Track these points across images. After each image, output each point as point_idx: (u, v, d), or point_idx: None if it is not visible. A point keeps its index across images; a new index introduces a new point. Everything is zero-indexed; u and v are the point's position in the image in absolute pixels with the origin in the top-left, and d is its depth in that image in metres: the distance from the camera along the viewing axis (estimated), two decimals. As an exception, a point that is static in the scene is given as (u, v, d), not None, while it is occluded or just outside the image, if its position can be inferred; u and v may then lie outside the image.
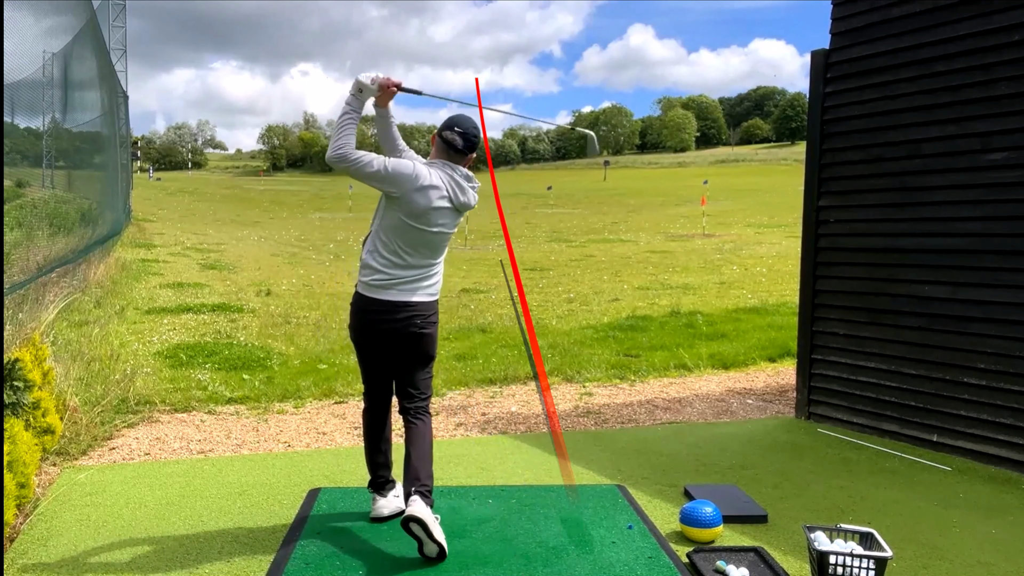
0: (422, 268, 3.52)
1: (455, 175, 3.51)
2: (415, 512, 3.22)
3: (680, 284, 13.83)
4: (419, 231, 3.46)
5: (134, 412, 5.59)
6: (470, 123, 3.59)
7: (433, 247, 3.54)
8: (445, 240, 3.59)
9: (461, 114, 3.65)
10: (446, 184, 3.48)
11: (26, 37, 6.62)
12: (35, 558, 3.30)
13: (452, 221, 3.57)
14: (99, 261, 12.12)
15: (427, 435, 3.57)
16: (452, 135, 3.53)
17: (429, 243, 3.51)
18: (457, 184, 3.51)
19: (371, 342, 3.58)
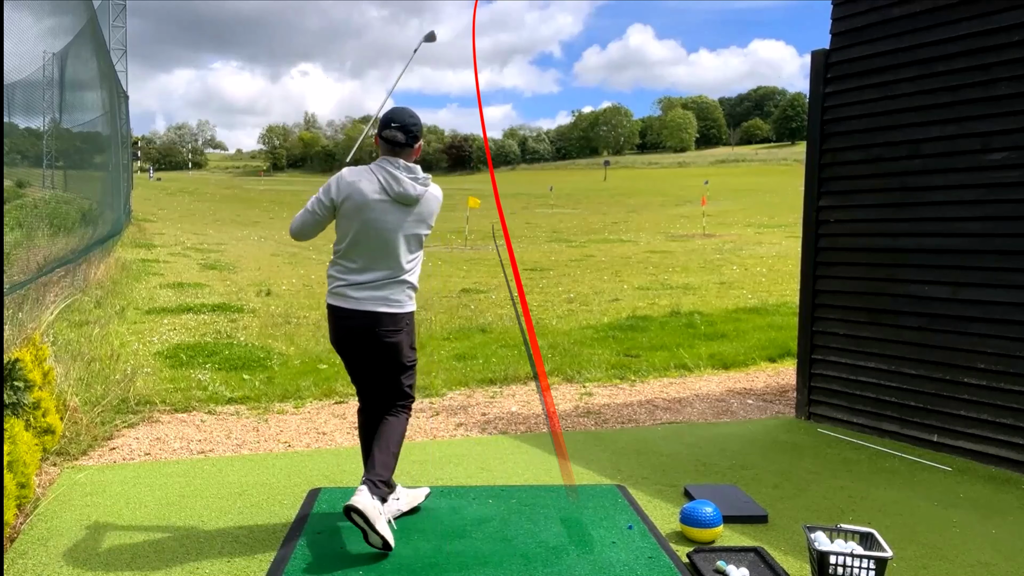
0: (380, 276, 3.44)
1: (389, 167, 3.40)
2: (356, 503, 3.21)
3: (680, 284, 13.83)
4: (365, 232, 3.39)
5: (134, 412, 5.59)
6: (406, 114, 3.48)
7: (387, 251, 3.43)
8: (399, 242, 3.44)
9: (395, 108, 3.52)
10: (379, 177, 3.39)
11: (26, 37, 6.62)
12: (35, 558, 3.30)
13: (399, 218, 3.41)
14: (99, 261, 12.12)
15: (396, 428, 3.57)
16: (392, 132, 3.43)
17: (380, 246, 3.41)
18: (391, 175, 3.38)
19: (341, 347, 3.58)
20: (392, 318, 3.47)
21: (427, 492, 3.95)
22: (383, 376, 3.60)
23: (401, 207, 3.42)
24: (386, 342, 3.48)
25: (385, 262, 3.44)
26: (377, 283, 3.44)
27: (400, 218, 3.43)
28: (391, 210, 3.41)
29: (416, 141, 3.48)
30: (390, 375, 3.61)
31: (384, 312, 3.45)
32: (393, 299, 3.48)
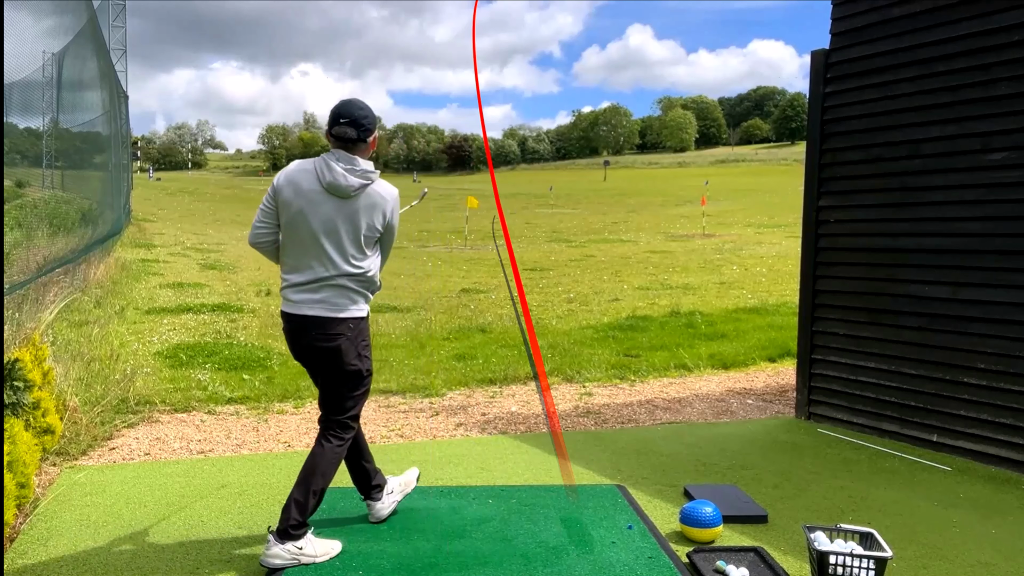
0: (314, 277, 3.21)
1: (328, 158, 3.19)
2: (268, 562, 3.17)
3: (680, 284, 13.83)
4: (295, 225, 3.20)
5: (134, 412, 5.59)
6: (355, 107, 3.25)
7: (318, 248, 3.19)
8: (335, 239, 3.19)
9: (343, 101, 3.28)
10: (315, 166, 3.21)
11: (26, 37, 6.62)
12: (35, 558, 3.30)
13: (332, 212, 3.17)
14: (99, 261, 12.12)
15: (321, 461, 3.28)
16: (342, 128, 3.20)
17: (311, 242, 3.19)
18: (327, 165, 3.17)
19: (293, 354, 3.40)
20: (329, 322, 3.21)
21: (417, 472, 3.95)
22: (324, 382, 3.38)
23: (336, 200, 3.18)
24: (321, 347, 3.24)
25: (318, 260, 3.20)
26: (311, 285, 3.22)
27: (334, 211, 3.18)
28: (324, 202, 3.18)
29: (369, 135, 3.27)
30: (331, 386, 3.36)
31: (319, 316, 3.21)
32: (332, 302, 3.22)
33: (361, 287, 3.29)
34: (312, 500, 3.25)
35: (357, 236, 3.22)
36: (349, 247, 3.22)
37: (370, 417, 5.67)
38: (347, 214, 3.20)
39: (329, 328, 3.23)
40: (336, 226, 3.19)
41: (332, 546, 3.35)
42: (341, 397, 3.37)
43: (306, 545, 3.24)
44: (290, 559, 3.19)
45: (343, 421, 3.39)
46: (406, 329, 9.18)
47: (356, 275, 3.25)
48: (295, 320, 3.26)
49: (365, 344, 3.35)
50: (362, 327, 3.33)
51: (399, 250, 21.36)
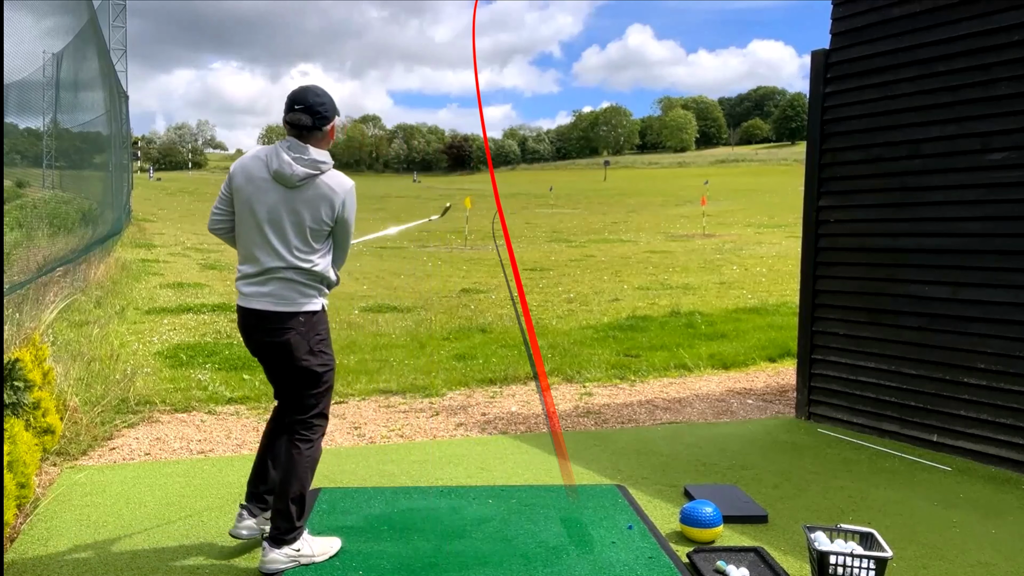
0: (262, 269, 3.12)
1: (280, 146, 3.09)
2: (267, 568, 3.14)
3: (680, 284, 13.83)
4: (242, 213, 3.13)
5: (134, 412, 5.59)
6: (311, 93, 3.12)
7: (264, 238, 3.10)
8: (280, 229, 3.09)
9: (300, 87, 3.16)
10: (266, 154, 3.11)
11: (26, 37, 6.62)
12: (35, 558, 3.30)
13: (278, 201, 3.08)
14: (99, 261, 12.12)
15: (294, 467, 3.19)
16: (296, 115, 3.08)
17: (257, 231, 3.11)
18: (276, 153, 3.07)
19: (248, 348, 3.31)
20: (277, 316, 3.11)
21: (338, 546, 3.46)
22: (284, 386, 3.30)
23: (282, 189, 3.07)
24: (271, 342, 3.14)
25: (264, 251, 3.10)
26: (260, 277, 3.13)
27: (279, 201, 3.07)
28: (270, 190, 3.08)
29: (326, 123, 3.13)
30: (287, 383, 3.26)
31: (268, 310, 3.11)
32: (280, 295, 3.12)
33: (311, 280, 3.16)
34: (294, 507, 3.18)
35: (302, 228, 3.10)
36: (294, 239, 3.10)
37: (370, 417, 5.67)
38: (292, 205, 3.08)
39: (278, 322, 3.11)
40: (280, 216, 3.08)
41: (331, 544, 3.34)
42: (300, 395, 3.25)
43: (303, 546, 3.23)
44: (289, 562, 3.19)
45: (307, 421, 3.27)
46: (406, 329, 9.18)
47: (303, 269, 3.12)
48: (246, 314, 3.18)
49: (320, 339, 3.21)
50: (315, 321, 3.19)
51: (399, 250, 21.37)
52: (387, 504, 3.94)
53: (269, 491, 3.39)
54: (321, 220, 3.12)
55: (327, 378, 3.28)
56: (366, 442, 5.10)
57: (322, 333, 3.23)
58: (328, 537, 3.40)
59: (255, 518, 3.39)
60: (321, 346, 3.23)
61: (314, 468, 3.29)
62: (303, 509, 3.26)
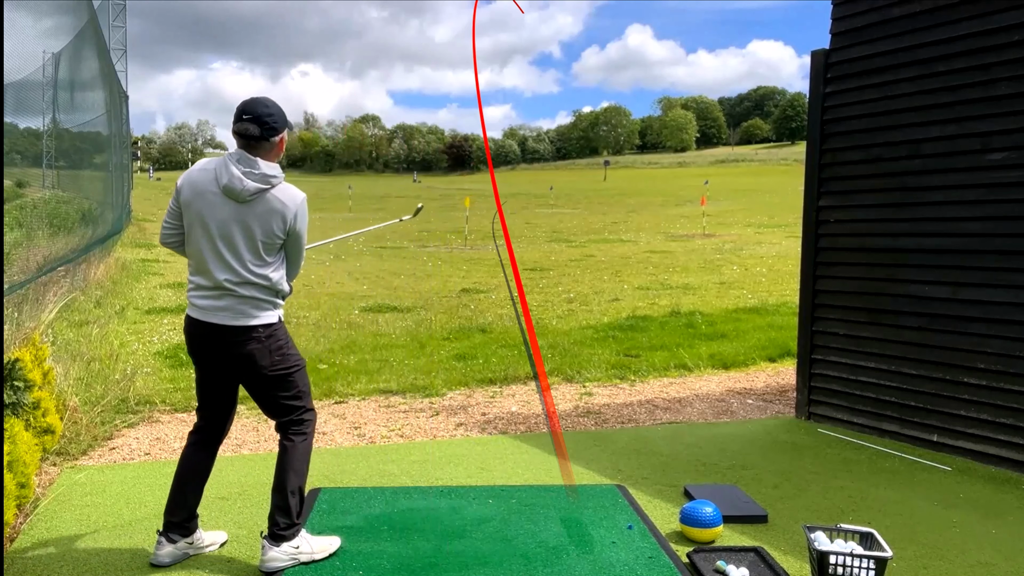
0: (215, 283, 3.09)
1: (229, 159, 3.07)
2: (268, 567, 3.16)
3: (680, 284, 13.83)
4: (192, 227, 3.11)
5: (134, 412, 5.59)
6: (260, 104, 3.10)
7: (216, 252, 3.08)
8: (232, 244, 3.07)
9: (250, 98, 3.14)
10: (215, 167, 3.09)
11: (26, 37, 6.62)
12: (35, 558, 3.30)
13: (228, 215, 3.05)
14: (99, 261, 12.12)
15: (286, 459, 3.21)
16: (244, 125, 3.05)
17: (209, 245, 3.09)
18: (225, 166, 3.05)
19: (194, 358, 3.29)
20: (235, 331, 3.10)
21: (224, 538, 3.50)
22: (255, 394, 3.28)
23: (232, 204, 3.05)
24: (233, 355, 3.13)
25: (217, 265, 3.08)
26: (214, 292, 3.10)
27: (230, 216, 3.05)
28: (220, 204, 3.05)
29: (274, 134, 3.11)
30: (260, 392, 3.25)
31: (226, 325, 3.10)
32: (236, 310, 3.11)
33: (265, 294, 3.15)
34: (293, 500, 3.20)
35: (254, 243, 3.08)
36: (246, 254, 3.08)
37: (370, 417, 5.67)
38: (243, 219, 3.06)
39: (237, 336, 3.11)
40: (232, 231, 3.06)
41: (330, 542, 3.34)
42: (277, 400, 3.25)
43: (302, 543, 3.23)
44: (288, 560, 3.19)
45: (296, 419, 3.29)
46: (406, 329, 9.18)
47: (256, 283, 3.11)
48: (202, 327, 3.14)
49: (281, 344, 3.20)
50: (273, 331, 3.18)
51: (399, 250, 21.37)
52: (387, 504, 3.94)
53: (190, 517, 3.33)
54: (273, 234, 3.10)
55: (298, 377, 3.28)
56: (366, 442, 5.10)
57: (281, 339, 3.22)
58: (327, 536, 3.40)
59: (175, 544, 3.29)
60: (285, 349, 3.21)
61: (308, 460, 3.29)
62: (303, 504, 3.26)
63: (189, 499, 3.33)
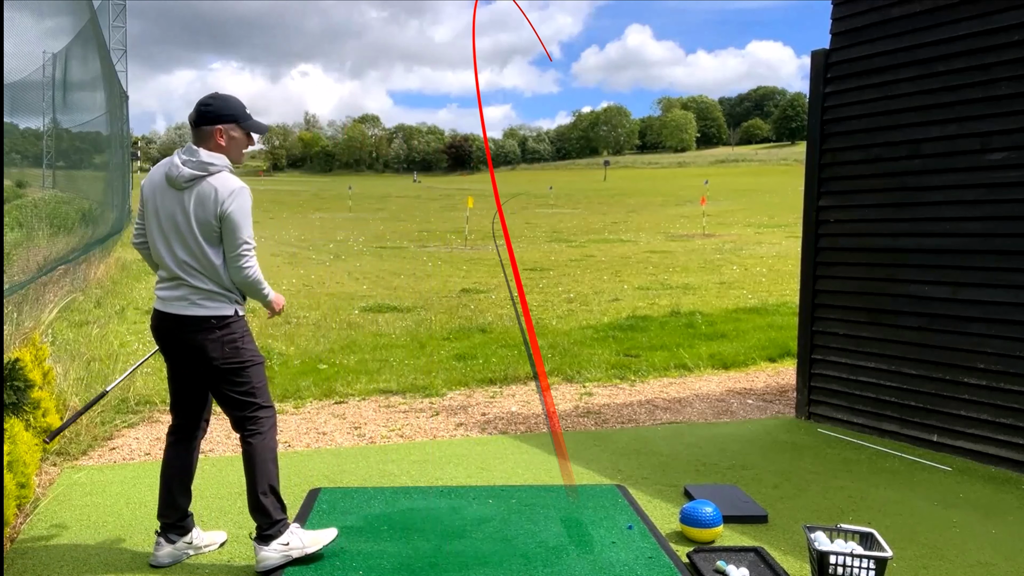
0: (171, 275, 3.14)
1: (182, 150, 3.17)
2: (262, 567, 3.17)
3: (680, 284, 13.83)
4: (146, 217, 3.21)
5: (134, 412, 5.59)
6: (208, 96, 3.24)
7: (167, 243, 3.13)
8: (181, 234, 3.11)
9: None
10: (166, 161, 3.19)
11: (26, 37, 6.62)
12: (35, 558, 3.30)
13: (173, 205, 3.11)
14: (99, 261, 12.12)
15: (249, 460, 3.22)
16: (192, 113, 3.20)
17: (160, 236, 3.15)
18: (171, 157, 3.18)
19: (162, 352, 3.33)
20: (192, 320, 3.13)
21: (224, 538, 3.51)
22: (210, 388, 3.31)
23: (174, 192, 3.12)
24: (187, 344, 3.16)
25: (168, 255, 3.14)
26: (171, 282, 3.17)
27: (175, 205, 3.12)
28: (167, 194, 3.14)
29: (205, 122, 3.15)
30: (213, 385, 3.26)
31: (180, 314, 3.14)
32: (190, 300, 3.14)
33: (217, 286, 3.16)
34: (266, 499, 3.18)
35: (192, 231, 3.10)
36: (191, 243, 3.12)
37: (370, 417, 5.67)
38: (183, 206, 3.11)
39: (192, 325, 3.13)
40: (176, 221, 3.12)
41: (323, 535, 3.31)
42: (227, 394, 3.24)
43: (291, 539, 3.22)
44: (280, 558, 3.18)
45: (249, 416, 3.26)
46: (406, 329, 9.18)
47: (205, 273, 3.13)
48: (162, 317, 3.19)
49: (235, 338, 3.18)
50: (227, 323, 3.18)
51: (399, 250, 21.37)
52: (387, 504, 3.94)
53: (183, 516, 3.33)
54: (208, 221, 3.10)
55: (253, 372, 3.25)
56: (366, 442, 5.10)
57: (236, 332, 3.20)
58: (319, 530, 3.37)
59: (173, 544, 3.30)
60: (238, 343, 3.20)
61: (274, 458, 3.26)
62: (278, 502, 3.24)
63: (178, 499, 3.33)
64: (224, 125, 3.18)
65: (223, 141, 3.19)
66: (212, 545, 3.42)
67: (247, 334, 3.27)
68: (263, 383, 3.32)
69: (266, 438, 3.26)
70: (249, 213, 3.17)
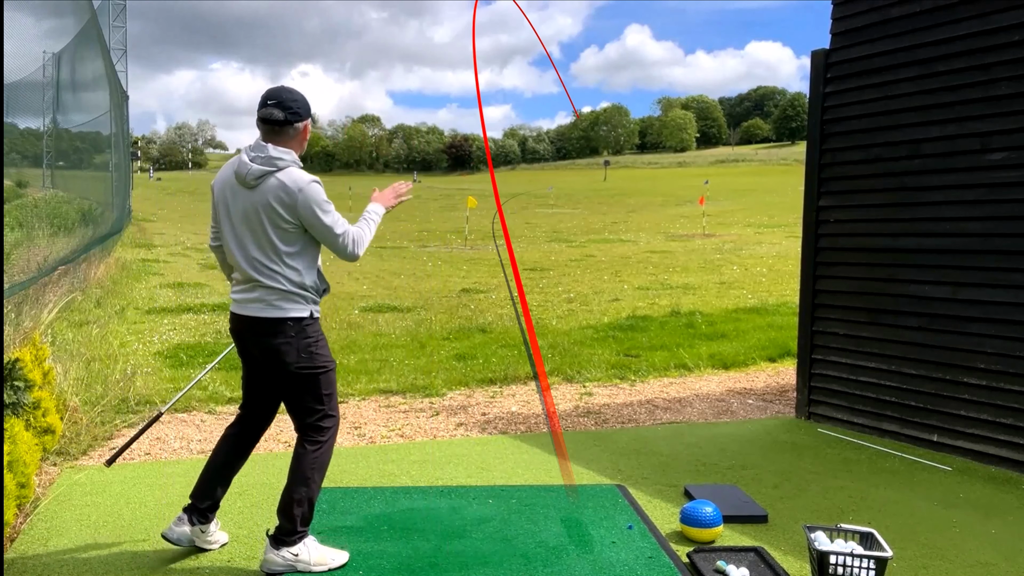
0: (244, 277, 3.12)
1: (250, 147, 3.10)
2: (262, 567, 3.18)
3: (680, 284, 13.83)
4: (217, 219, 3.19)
5: (134, 412, 5.59)
6: (284, 90, 3.12)
7: (238, 243, 3.09)
8: (251, 234, 3.07)
9: (273, 87, 3.16)
10: (235, 160, 3.14)
11: (26, 38, 6.62)
12: (35, 558, 3.30)
13: (243, 204, 3.06)
14: (99, 261, 12.12)
15: (297, 466, 3.18)
16: (268, 111, 3.06)
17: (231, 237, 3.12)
18: (240, 156, 3.11)
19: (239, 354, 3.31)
20: (267, 322, 3.08)
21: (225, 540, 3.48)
22: (281, 392, 3.25)
23: (244, 190, 3.06)
24: (263, 348, 3.12)
25: (242, 256, 3.09)
26: (246, 285, 3.12)
27: (245, 203, 3.05)
28: (238, 194, 3.08)
29: (298, 119, 3.10)
30: (284, 390, 3.22)
31: (256, 316, 3.09)
32: (265, 301, 3.09)
33: (292, 286, 3.09)
34: (298, 510, 3.14)
35: (265, 230, 3.04)
36: (264, 242, 3.06)
37: (370, 417, 5.67)
38: (254, 206, 3.04)
39: (267, 328, 3.08)
40: (248, 219, 3.06)
41: (332, 556, 3.25)
42: (301, 400, 3.20)
43: (302, 552, 3.18)
44: (285, 566, 3.17)
45: (315, 424, 3.22)
46: (406, 329, 9.18)
47: (280, 273, 3.07)
48: (238, 320, 3.17)
49: (310, 342, 3.14)
50: (304, 327, 3.12)
51: (399, 250, 21.37)
52: (387, 504, 3.94)
53: (212, 507, 3.34)
54: (279, 218, 3.03)
55: (325, 380, 3.21)
56: (366, 442, 5.10)
57: (312, 336, 3.15)
58: (333, 549, 3.31)
59: (191, 526, 3.30)
60: (313, 348, 3.15)
61: (323, 471, 3.23)
62: (309, 514, 3.20)
63: (216, 489, 3.34)
64: (307, 120, 3.18)
65: (306, 136, 3.20)
66: (216, 544, 3.42)
67: (322, 338, 3.22)
68: (333, 390, 3.26)
69: (323, 449, 3.21)
70: (324, 200, 3.08)
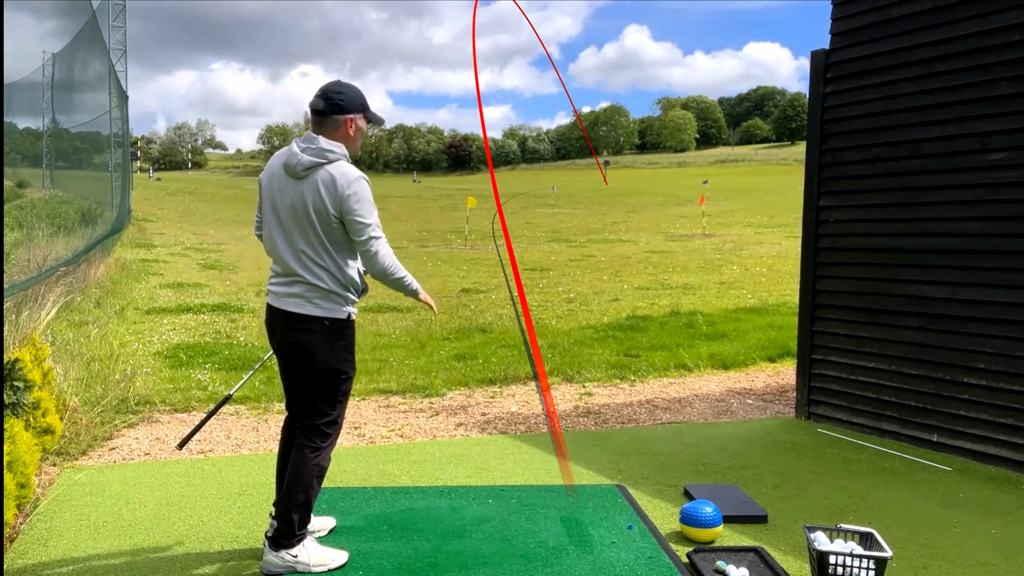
0: (285, 270, 3.12)
1: (300, 139, 3.11)
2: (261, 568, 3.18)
3: (680, 284, 13.83)
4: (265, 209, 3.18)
5: (134, 412, 5.59)
6: (335, 84, 3.15)
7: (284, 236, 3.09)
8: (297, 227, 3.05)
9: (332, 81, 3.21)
10: (285, 150, 3.13)
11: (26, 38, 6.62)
12: (35, 558, 3.30)
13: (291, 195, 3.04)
14: (99, 261, 12.12)
15: (297, 467, 3.16)
16: (315, 100, 3.09)
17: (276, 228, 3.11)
18: (291, 145, 3.11)
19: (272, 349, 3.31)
20: (303, 318, 3.07)
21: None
22: (297, 387, 3.22)
23: (293, 181, 3.05)
24: (293, 342, 3.11)
25: (285, 248, 3.10)
26: (285, 278, 3.13)
27: (292, 195, 3.05)
28: (286, 183, 3.07)
29: (339, 111, 3.09)
30: (302, 386, 3.19)
31: (292, 311, 3.09)
32: (304, 297, 3.09)
33: (334, 284, 3.09)
34: (296, 513, 3.14)
35: (312, 222, 3.03)
36: (310, 235, 3.05)
37: (370, 417, 5.67)
38: (302, 196, 3.03)
39: (301, 323, 3.08)
40: (294, 211, 3.05)
41: (332, 556, 3.25)
42: (313, 400, 3.17)
43: (301, 553, 3.18)
44: (285, 567, 3.17)
45: (318, 427, 3.19)
46: (406, 329, 9.18)
47: (324, 268, 3.07)
48: (273, 313, 3.18)
49: (342, 346, 3.14)
50: (339, 328, 3.12)
51: (399, 250, 21.36)
52: (387, 504, 3.94)
53: None
54: (325, 211, 3.01)
55: (343, 386, 3.20)
56: (366, 442, 5.10)
57: (346, 339, 3.16)
58: (332, 549, 3.32)
59: None
60: (343, 353, 3.15)
61: (321, 477, 3.23)
62: (306, 517, 3.21)
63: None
64: (354, 115, 3.14)
65: (351, 131, 3.16)
66: (322, 531, 3.48)
67: (353, 342, 3.23)
68: (345, 399, 3.28)
69: (322, 454, 3.21)
70: (370, 200, 3.06)
